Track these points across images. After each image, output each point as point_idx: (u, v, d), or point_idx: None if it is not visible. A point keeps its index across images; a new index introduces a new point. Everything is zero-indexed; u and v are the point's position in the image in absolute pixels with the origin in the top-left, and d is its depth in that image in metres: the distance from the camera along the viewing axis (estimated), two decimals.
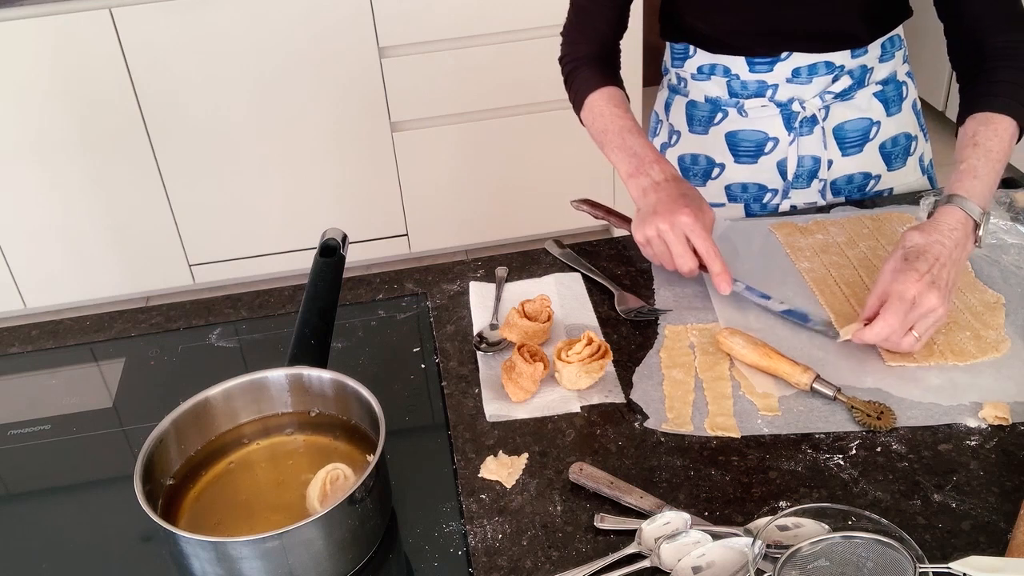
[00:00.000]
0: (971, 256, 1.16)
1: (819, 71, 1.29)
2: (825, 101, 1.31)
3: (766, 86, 1.32)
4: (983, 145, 1.07)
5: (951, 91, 3.46)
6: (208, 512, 0.89)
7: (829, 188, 1.38)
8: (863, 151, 1.36)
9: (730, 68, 1.32)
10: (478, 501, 0.92)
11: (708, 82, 1.36)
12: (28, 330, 1.25)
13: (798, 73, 1.30)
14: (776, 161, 1.36)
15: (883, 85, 1.34)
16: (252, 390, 0.96)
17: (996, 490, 0.88)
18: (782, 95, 1.32)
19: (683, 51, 1.37)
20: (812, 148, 1.34)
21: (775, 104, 1.33)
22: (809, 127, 1.33)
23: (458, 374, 1.09)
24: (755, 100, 1.33)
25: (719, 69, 1.33)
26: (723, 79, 1.34)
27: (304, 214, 2.84)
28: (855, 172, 1.37)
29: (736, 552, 0.81)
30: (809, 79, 1.30)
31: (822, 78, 1.30)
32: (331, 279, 1.06)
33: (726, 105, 1.36)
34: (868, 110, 1.34)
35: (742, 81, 1.33)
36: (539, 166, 2.86)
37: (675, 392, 1.03)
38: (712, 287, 1.14)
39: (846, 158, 1.36)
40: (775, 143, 1.35)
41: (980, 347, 1.05)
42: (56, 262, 2.80)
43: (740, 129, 1.37)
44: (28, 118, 2.56)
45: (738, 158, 1.38)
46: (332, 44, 2.59)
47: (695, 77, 1.37)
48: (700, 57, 1.35)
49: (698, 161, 1.41)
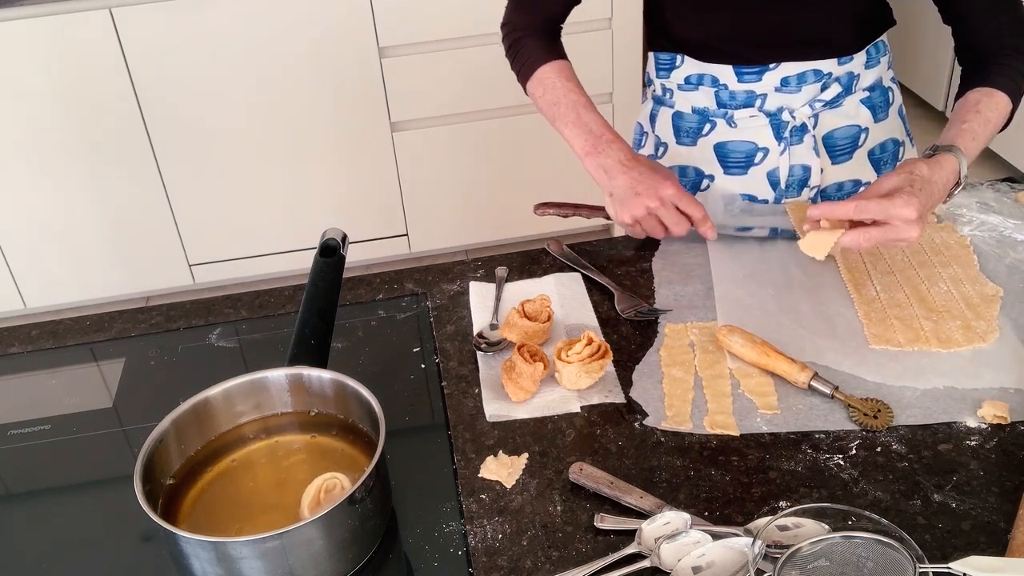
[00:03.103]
0: (979, 250, 1.21)
1: (808, 79, 1.29)
2: (815, 109, 1.31)
3: (755, 96, 1.31)
4: (984, 114, 1.15)
5: (951, 91, 3.46)
6: (208, 512, 0.89)
7: (820, 197, 1.37)
8: (853, 158, 1.36)
9: (718, 78, 1.31)
10: (478, 501, 0.92)
11: (696, 92, 1.35)
12: (28, 330, 1.25)
13: (787, 82, 1.29)
14: (767, 171, 1.35)
15: (870, 91, 1.34)
16: (252, 390, 0.96)
17: (996, 490, 0.88)
18: (771, 104, 1.31)
19: (670, 61, 1.36)
20: (803, 157, 1.33)
21: (764, 114, 1.32)
22: (799, 136, 1.32)
23: (458, 374, 1.09)
24: (744, 110, 1.32)
25: (707, 79, 1.32)
26: (711, 89, 1.33)
27: (304, 214, 2.84)
28: (846, 180, 1.36)
29: (736, 552, 0.81)
30: (798, 88, 1.29)
31: (811, 86, 1.29)
32: (331, 279, 1.06)
33: (714, 116, 1.35)
34: (856, 117, 1.34)
35: (730, 91, 1.32)
36: (539, 166, 2.86)
37: (674, 390, 1.03)
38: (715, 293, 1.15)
39: (836, 166, 1.35)
40: (765, 153, 1.34)
41: (967, 336, 1.07)
42: (56, 262, 2.80)
43: (729, 140, 1.35)
44: (28, 118, 2.56)
45: (728, 169, 1.37)
46: (332, 44, 2.58)
47: (682, 88, 1.36)
48: (688, 67, 1.34)
49: (687, 173, 1.40)
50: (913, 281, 1.17)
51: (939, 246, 1.23)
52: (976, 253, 1.21)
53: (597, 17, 2.63)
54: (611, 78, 2.71)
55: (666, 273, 1.23)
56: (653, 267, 1.25)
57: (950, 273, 1.17)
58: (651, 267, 1.25)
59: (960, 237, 1.24)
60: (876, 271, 1.19)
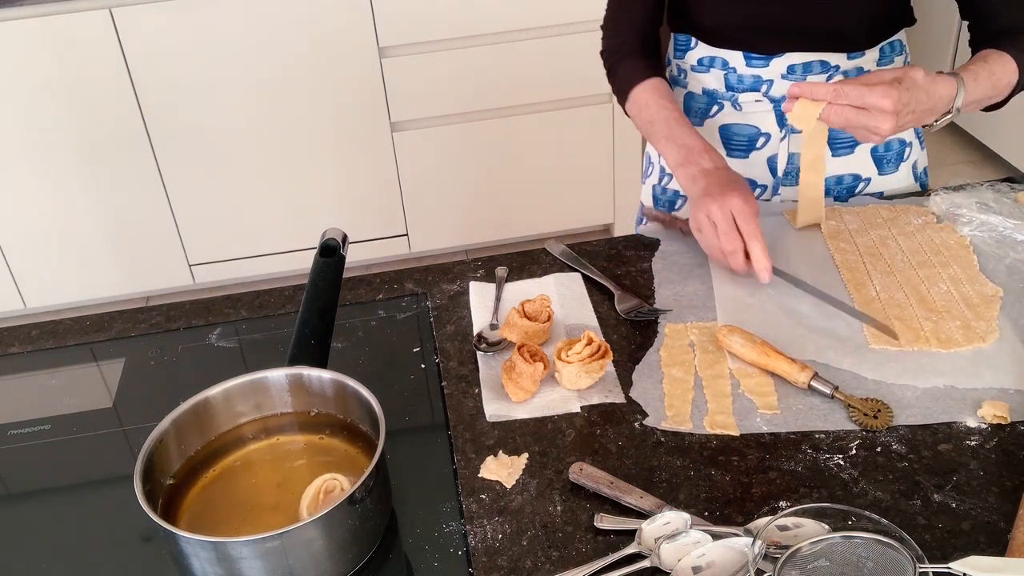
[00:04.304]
0: (978, 250, 1.21)
1: (813, 70, 1.31)
2: None
3: (761, 81, 1.33)
4: (991, 69, 1.17)
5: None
6: (208, 512, 0.89)
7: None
8: (854, 152, 1.37)
9: (728, 61, 1.34)
10: (478, 501, 0.92)
11: (707, 74, 1.38)
12: (28, 330, 1.25)
13: (793, 70, 1.31)
14: (767, 157, 1.38)
15: None
16: (252, 390, 0.96)
17: (996, 490, 0.88)
18: (776, 91, 1.33)
19: (685, 43, 1.39)
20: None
21: (769, 100, 1.34)
22: None
23: (458, 374, 1.09)
24: (750, 94, 1.35)
25: (718, 62, 1.35)
26: (721, 72, 1.35)
27: (304, 214, 2.84)
28: (844, 173, 1.38)
29: (736, 552, 0.81)
30: (803, 77, 1.31)
31: (816, 76, 1.31)
32: (331, 279, 1.06)
33: (722, 98, 1.37)
34: None
35: (738, 75, 1.34)
36: (539, 166, 2.86)
37: (674, 390, 1.03)
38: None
39: (836, 159, 1.37)
40: (767, 139, 1.36)
41: (967, 336, 1.07)
42: (56, 262, 2.80)
43: (734, 123, 1.38)
44: (28, 118, 2.56)
45: (731, 152, 1.39)
46: (332, 44, 2.59)
47: (695, 69, 1.39)
48: (700, 50, 1.37)
49: None
50: (913, 281, 1.17)
51: (939, 246, 1.23)
52: (976, 253, 1.21)
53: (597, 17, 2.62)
54: None
55: (666, 273, 1.23)
56: (653, 267, 1.25)
57: (950, 273, 1.17)
58: (651, 267, 1.25)
59: (960, 237, 1.24)
60: (876, 271, 1.19)
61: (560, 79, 2.70)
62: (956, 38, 3.14)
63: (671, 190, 1.46)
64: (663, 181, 1.47)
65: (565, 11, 2.61)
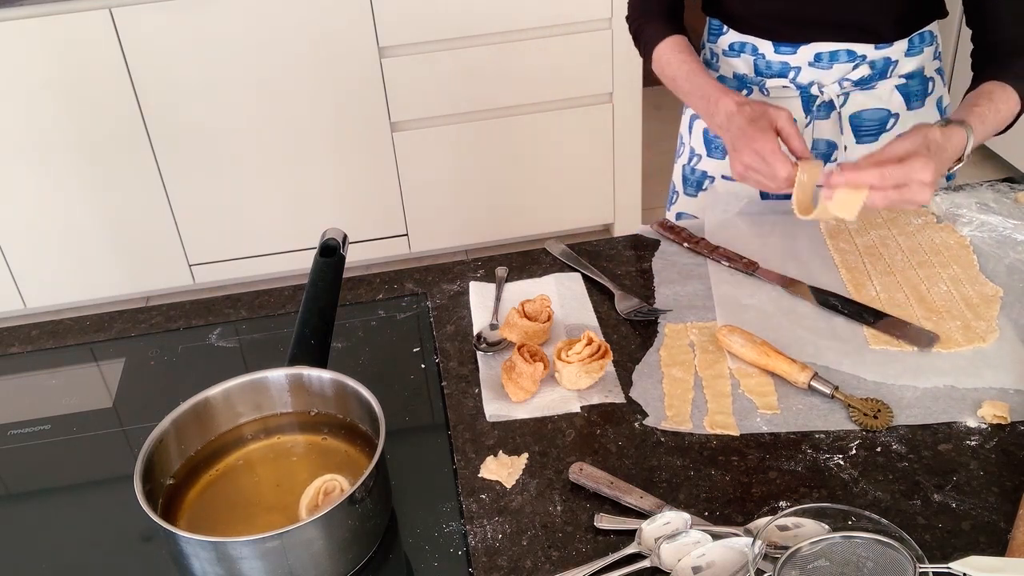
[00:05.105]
0: (979, 250, 1.21)
1: (840, 58, 1.32)
2: (843, 88, 1.34)
3: (789, 67, 1.35)
4: (996, 104, 1.18)
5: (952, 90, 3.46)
6: (208, 512, 0.89)
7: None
8: (878, 140, 1.38)
9: (757, 47, 1.36)
10: (478, 501, 0.92)
11: (737, 59, 1.40)
12: (28, 330, 1.25)
13: (819, 58, 1.33)
14: None
15: (907, 79, 1.36)
16: (252, 390, 0.96)
17: (996, 490, 0.88)
18: (803, 78, 1.35)
19: (718, 27, 1.42)
20: (827, 132, 1.37)
21: (796, 86, 1.36)
22: (826, 112, 1.36)
23: (458, 374, 1.09)
24: (777, 80, 1.36)
25: (748, 48, 1.37)
26: (751, 57, 1.38)
27: (304, 214, 2.84)
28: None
29: (736, 552, 0.81)
30: (830, 65, 1.33)
31: (842, 65, 1.33)
32: (331, 279, 1.06)
33: (751, 83, 1.39)
34: (888, 102, 1.36)
35: (767, 61, 1.36)
36: (539, 166, 2.86)
37: (674, 390, 1.03)
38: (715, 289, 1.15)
39: (860, 146, 1.38)
40: None
41: (967, 336, 1.07)
42: (56, 262, 2.79)
43: None
44: (28, 118, 2.56)
45: None
46: (332, 44, 2.58)
47: (726, 54, 1.41)
48: (731, 35, 1.39)
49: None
50: (913, 281, 1.17)
51: (939, 246, 1.23)
52: (976, 253, 1.21)
53: (597, 17, 2.63)
54: (611, 78, 2.71)
55: (666, 273, 1.23)
56: (653, 267, 1.25)
57: (950, 273, 1.17)
58: (651, 267, 1.25)
59: (960, 237, 1.24)
60: (876, 271, 1.19)
61: (560, 79, 2.70)
62: (956, 38, 3.14)
63: (699, 170, 1.48)
64: (692, 161, 1.49)
65: (565, 11, 2.61)
